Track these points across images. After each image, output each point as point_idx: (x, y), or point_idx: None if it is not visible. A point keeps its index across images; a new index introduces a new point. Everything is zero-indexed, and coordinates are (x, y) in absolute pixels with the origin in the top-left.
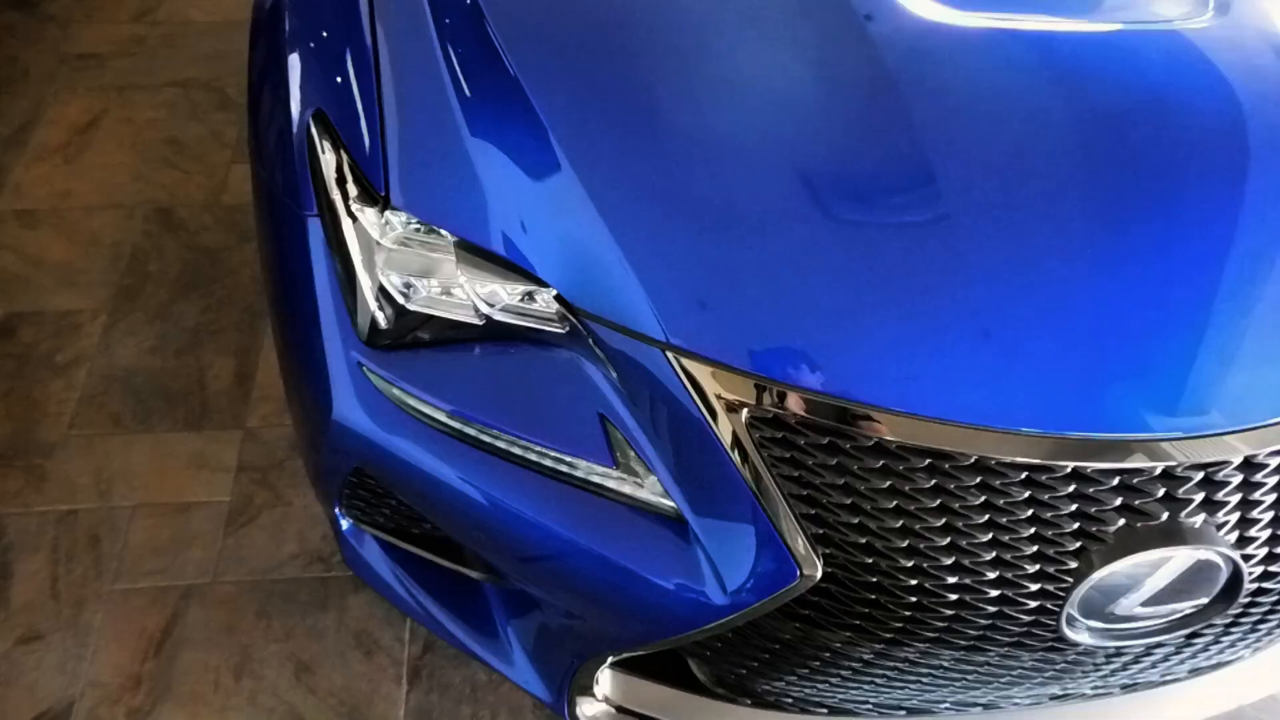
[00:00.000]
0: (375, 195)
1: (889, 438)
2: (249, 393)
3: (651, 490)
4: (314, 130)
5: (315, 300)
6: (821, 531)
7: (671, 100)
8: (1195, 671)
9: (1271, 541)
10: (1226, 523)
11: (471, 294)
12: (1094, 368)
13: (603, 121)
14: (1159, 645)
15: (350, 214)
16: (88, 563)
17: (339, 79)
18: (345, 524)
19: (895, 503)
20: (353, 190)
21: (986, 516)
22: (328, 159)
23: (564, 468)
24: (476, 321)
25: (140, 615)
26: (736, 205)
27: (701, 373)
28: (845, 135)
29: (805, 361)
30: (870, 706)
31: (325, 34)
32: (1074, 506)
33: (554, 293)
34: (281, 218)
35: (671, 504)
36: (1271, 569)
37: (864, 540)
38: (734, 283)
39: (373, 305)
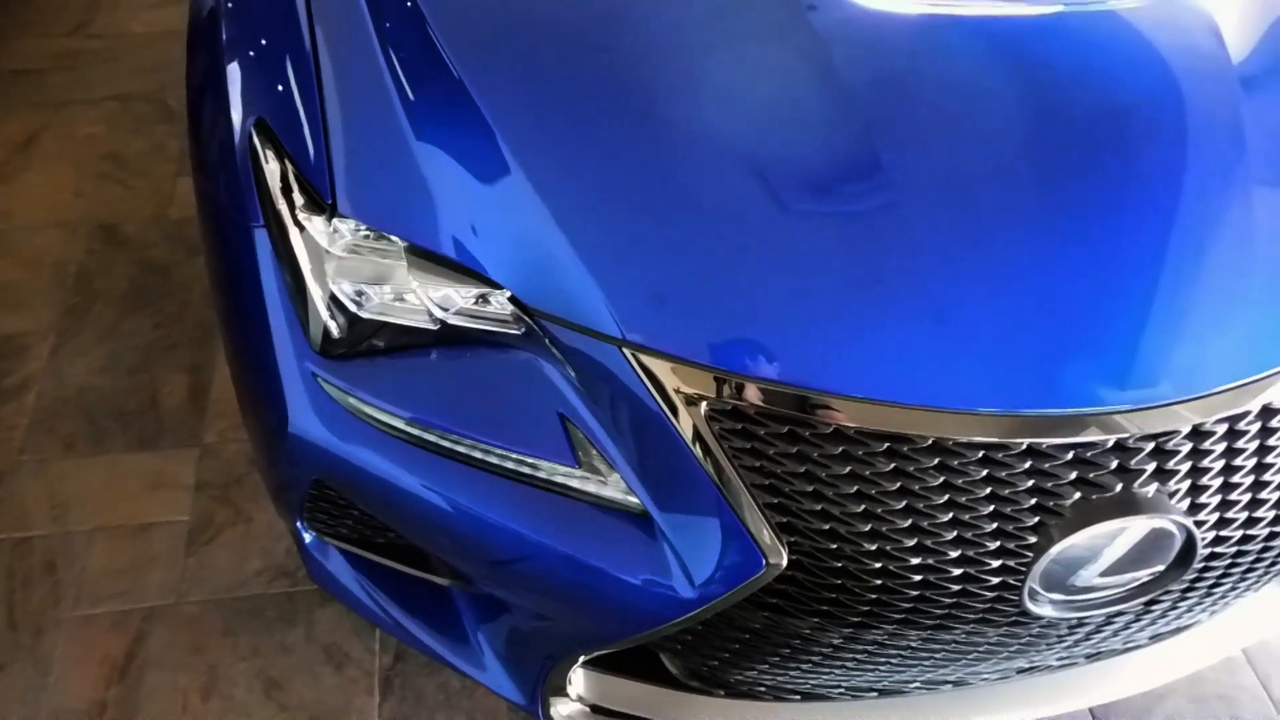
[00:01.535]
0: (322, 203)
1: (847, 424)
2: (204, 408)
3: (615, 488)
4: (256, 139)
5: (265, 312)
6: (785, 520)
7: (618, 97)
8: (1156, 638)
9: (1222, 507)
10: (1178, 491)
11: (425, 299)
12: (1046, 345)
13: (550, 120)
14: (1119, 614)
15: (297, 223)
16: (45, 590)
17: (280, 87)
18: (308, 537)
19: (856, 488)
20: (299, 199)
21: (946, 497)
22: (272, 168)
23: (526, 469)
24: (431, 326)
25: (102, 640)
26: (687, 199)
27: (659, 368)
28: (792, 126)
29: (762, 352)
30: (842, 690)
31: (264, 41)
32: (1031, 482)
33: (508, 294)
34: (227, 230)
35: (636, 501)
36: (1223, 534)
37: (827, 526)
38: (687, 277)
39: (324, 315)
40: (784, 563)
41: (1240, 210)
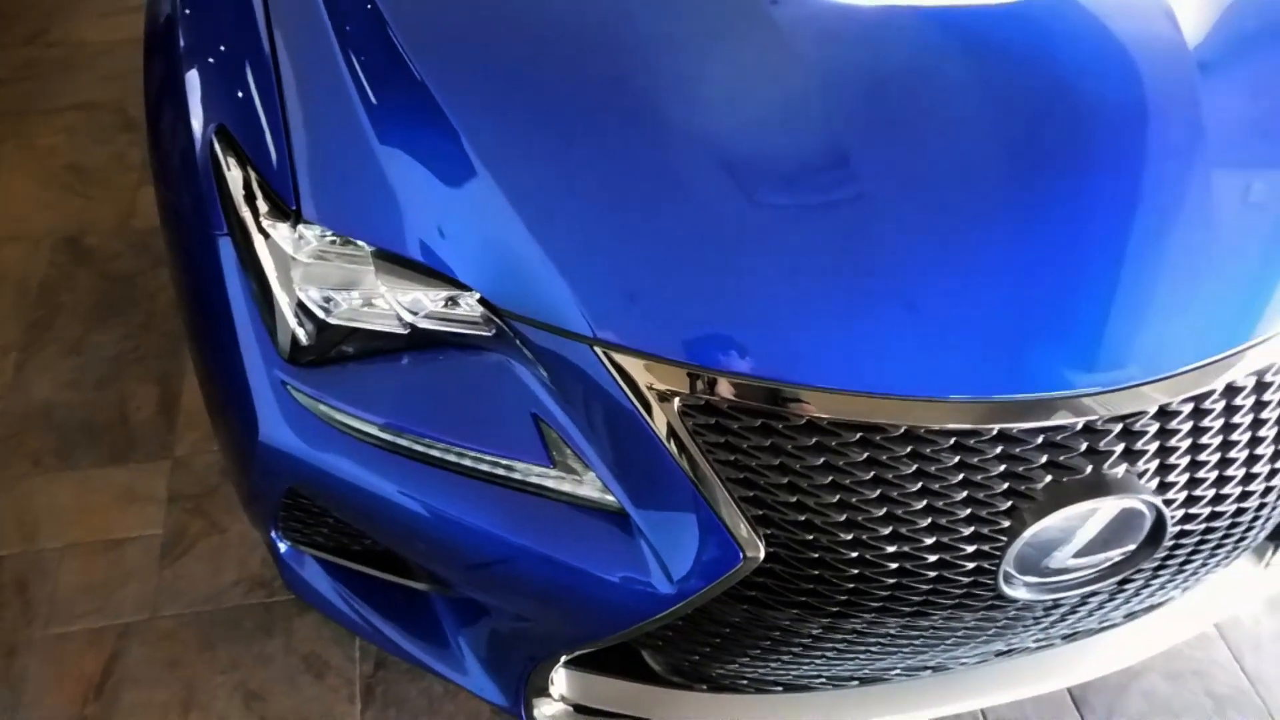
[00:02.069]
0: (286, 210)
1: (820, 415)
2: (175, 420)
3: (591, 487)
4: (218, 147)
5: (232, 321)
6: (761, 513)
7: (582, 96)
8: (1131, 616)
9: (1190, 485)
10: (1147, 470)
11: (394, 303)
12: (1014, 331)
13: (514, 120)
14: (1094, 594)
15: (262, 231)
16: (16, 609)
17: (240, 93)
18: (283, 547)
19: (831, 478)
20: (263, 206)
21: (920, 484)
22: (234, 175)
23: (501, 471)
24: (401, 331)
25: (77, 658)
26: (655, 196)
27: (631, 365)
28: (757, 121)
29: (734, 346)
30: (824, 680)
31: (222, 47)
32: (1003, 467)
33: (477, 296)
34: (191, 239)
35: (613, 499)
36: (1192, 511)
37: (803, 518)
38: (657, 273)
39: (292, 322)
40: (761, 555)
41: (1200, 193)
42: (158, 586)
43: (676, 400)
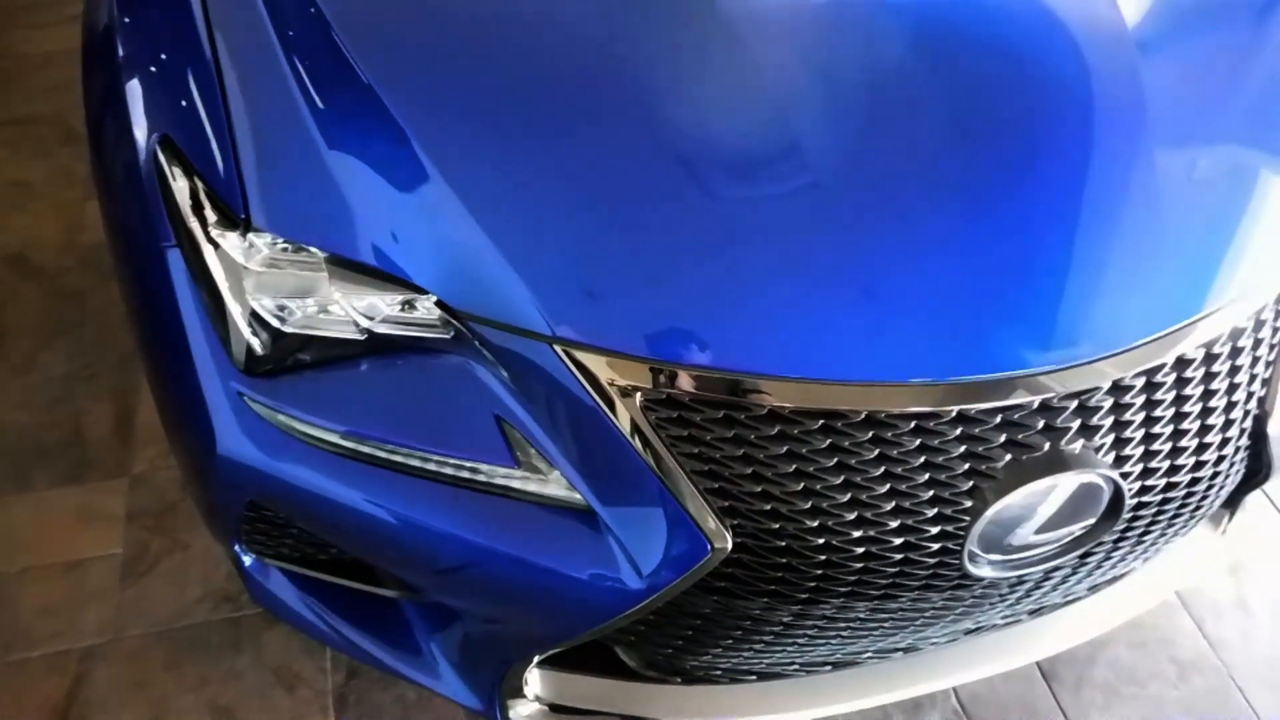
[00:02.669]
0: (235, 219)
1: (782, 404)
2: (131, 437)
3: (557, 485)
4: (162, 157)
5: (185, 334)
6: (728, 504)
7: (531, 93)
8: (1094, 589)
9: (1145, 457)
10: (1103, 445)
11: (349, 309)
12: (970, 313)
13: (464, 120)
14: (1057, 568)
15: (211, 241)
16: None
17: (183, 101)
18: (248, 560)
19: (795, 466)
20: (211, 216)
21: (882, 469)
22: (180, 186)
23: (466, 474)
24: (358, 337)
25: (40, 684)
26: (608, 191)
27: (592, 362)
28: (708, 113)
29: (693, 339)
30: (797, 667)
31: (163, 55)
32: (963, 448)
33: (434, 299)
34: (139, 252)
35: (579, 497)
36: (1148, 483)
37: (769, 507)
38: (613, 269)
39: (246, 332)
40: (729, 546)
41: (1144, 170)
42: (120, 606)
43: (638, 395)
